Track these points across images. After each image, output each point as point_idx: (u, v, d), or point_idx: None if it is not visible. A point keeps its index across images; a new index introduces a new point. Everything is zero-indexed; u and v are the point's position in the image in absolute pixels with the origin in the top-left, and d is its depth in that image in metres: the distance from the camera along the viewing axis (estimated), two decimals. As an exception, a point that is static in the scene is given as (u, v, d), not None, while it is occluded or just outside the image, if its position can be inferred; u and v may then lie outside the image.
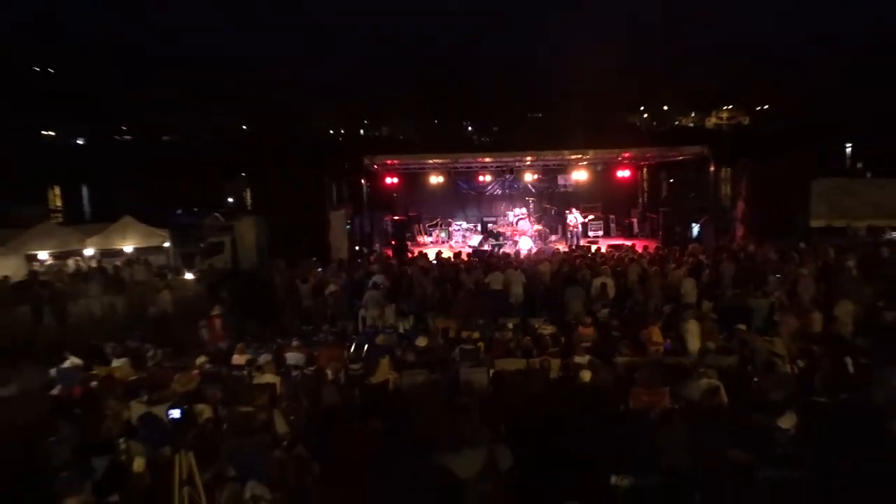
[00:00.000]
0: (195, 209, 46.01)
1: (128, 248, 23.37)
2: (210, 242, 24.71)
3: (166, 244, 24.33)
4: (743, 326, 11.51)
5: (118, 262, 22.04)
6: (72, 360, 10.90)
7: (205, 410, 7.57)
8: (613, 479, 4.04)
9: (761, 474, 4.41)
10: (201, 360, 11.04)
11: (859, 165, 51.46)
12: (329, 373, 9.54)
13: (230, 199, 49.33)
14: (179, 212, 48.42)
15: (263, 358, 10.38)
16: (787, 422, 5.75)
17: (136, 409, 7.66)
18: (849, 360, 8.44)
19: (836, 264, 16.74)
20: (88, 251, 22.99)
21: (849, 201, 22.93)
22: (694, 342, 11.04)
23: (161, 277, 22.31)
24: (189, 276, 23.34)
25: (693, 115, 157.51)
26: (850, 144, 55.05)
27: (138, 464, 5.88)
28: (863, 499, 4.13)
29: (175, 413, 5.59)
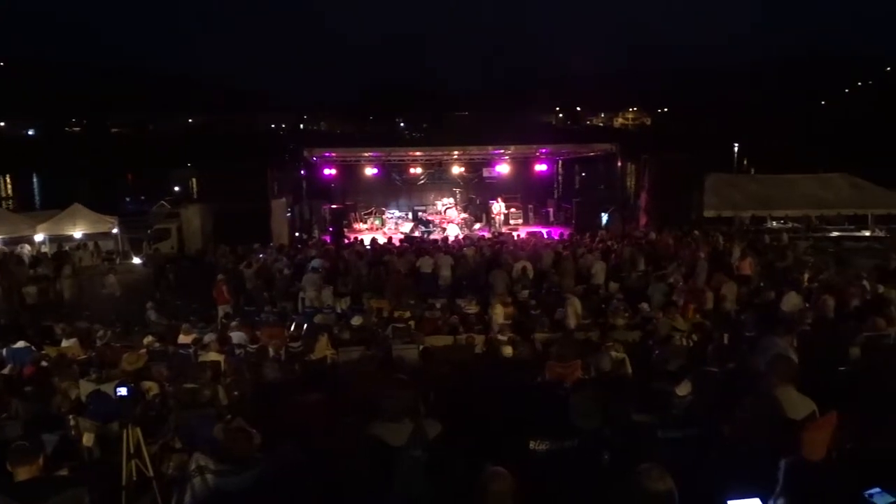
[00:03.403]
0: (143, 197, 44.59)
1: (77, 234, 22.53)
2: (157, 228, 24.00)
3: (114, 230, 23.50)
4: (646, 305, 11.84)
5: (67, 248, 21.20)
6: (22, 342, 10.45)
7: (152, 387, 7.38)
8: (531, 444, 4.07)
9: (661, 434, 4.54)
10: (149, 339, 10.74)
11: (745, 163, 53.54)
12: (271, 350, 9.39)
13: (177, 188, 47.84)
14: (128, 200, 46.86)
15: (208, 337, 10.15)
16: (683, 389, 5.93)
17: (86, 387, 7.37)
18: (725, 335, 8.78)
19: (724, 249, 17.35)
20: (39, 237, 22.05)
21: (736, 194, 23.82)
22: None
23: (109, 262, 21.59)
24: (136, 260, 22.65)
25: (602, 115, 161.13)
26: (737, 145, 57.30)
27: (87, 438, 5.69)
28: (745, 450, 4.31)
29: (122, 390, 5.39)
